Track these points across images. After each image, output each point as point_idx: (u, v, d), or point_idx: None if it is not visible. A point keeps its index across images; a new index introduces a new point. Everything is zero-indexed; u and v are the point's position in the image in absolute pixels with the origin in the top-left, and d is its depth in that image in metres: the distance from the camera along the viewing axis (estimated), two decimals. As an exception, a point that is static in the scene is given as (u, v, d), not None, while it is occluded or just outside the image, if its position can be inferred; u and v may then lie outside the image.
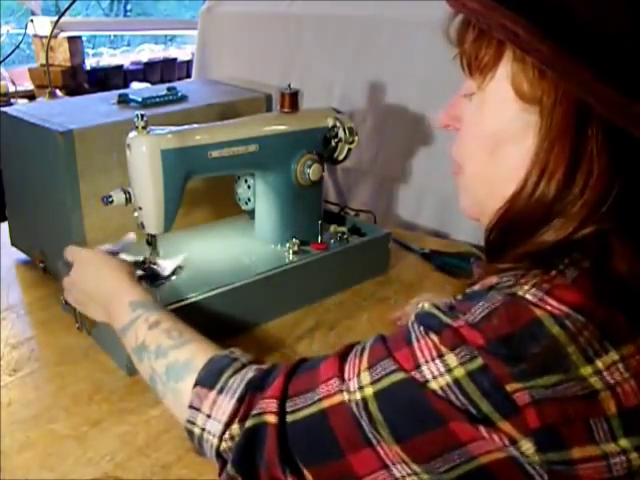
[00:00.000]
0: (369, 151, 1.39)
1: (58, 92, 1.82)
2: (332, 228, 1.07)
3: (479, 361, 0.44)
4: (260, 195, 1.05)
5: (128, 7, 5.14)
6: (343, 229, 1.07)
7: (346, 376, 0.51)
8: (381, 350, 0.50)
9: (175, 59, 2.81)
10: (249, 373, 0.58)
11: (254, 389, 0.56)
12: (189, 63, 2.74)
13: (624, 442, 0.43)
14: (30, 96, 2.15)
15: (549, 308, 0.44)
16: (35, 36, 2.23)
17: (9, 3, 2.95)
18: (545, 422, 0.43)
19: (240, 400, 0.56)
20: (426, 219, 1.35)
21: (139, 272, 0.88)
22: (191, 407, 0.59)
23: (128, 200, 0.87)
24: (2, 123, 1.02)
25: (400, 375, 0.47)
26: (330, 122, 1.01)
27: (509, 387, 0.43)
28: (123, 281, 0.76)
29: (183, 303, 0.84)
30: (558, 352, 0.43)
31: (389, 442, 0.47)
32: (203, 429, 0.58)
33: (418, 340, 0.48)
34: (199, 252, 1.02)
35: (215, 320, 0.86)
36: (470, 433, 0.45)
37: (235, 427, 0.55)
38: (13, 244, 1.13)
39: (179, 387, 0.62)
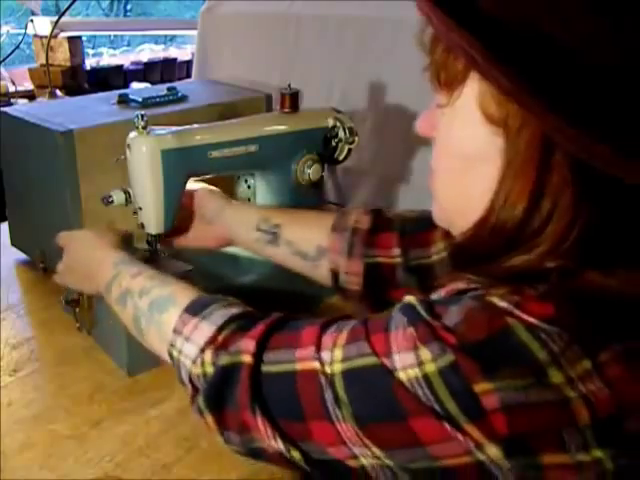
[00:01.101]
0: (369, 151, 1.39)
1: (58, 92, 1.82)
2: (332, 228, 1.07)
3: (450, 357, 0.43)
4: (260, 195, 1.05)
5: (128, 7, 5.15)
6: (343, 229, 1.07)
7: (322, 346, 0.51)
8: (360, 331, 0.50)
9: (175, 59, 2.81)
10: (235, 309, 0.59)
11: (237, 326, 0.56)
12: (189, 63, 2.74)
13: (598, 452, 0.41)
14: (30, 96, 2.14)
15: (520, 316, 0.43)
16: (35, 36, 2.23)
17: (9, 3, 2.95)
18: (514, 430, 0.41)
19: (220, 329, 0.56)
20: (426, 219, 1.35)
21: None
22: (174, 331, 0.59)
23: (128, 200, 0.87)
24: (2, 123, 1.02)
25: (371, 359, 0.47)
26: (330, 122, 1.01)
27: (477, 387, 0.42)
28: (107, 248, 0.76)
29: (183, 303, 0.84)
30: (530, 359, 0.42)
31: (349, 421, 0.47)
32: (180, 352, 0.58)
33: (397, 329, 0.47)
34: (199, 252, 1.02)
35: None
36: (433, 431, 0.44)
37: (209, 353, 0.55)
38: (13, 244, 1.13)
39: (163, 319, 0.62)
